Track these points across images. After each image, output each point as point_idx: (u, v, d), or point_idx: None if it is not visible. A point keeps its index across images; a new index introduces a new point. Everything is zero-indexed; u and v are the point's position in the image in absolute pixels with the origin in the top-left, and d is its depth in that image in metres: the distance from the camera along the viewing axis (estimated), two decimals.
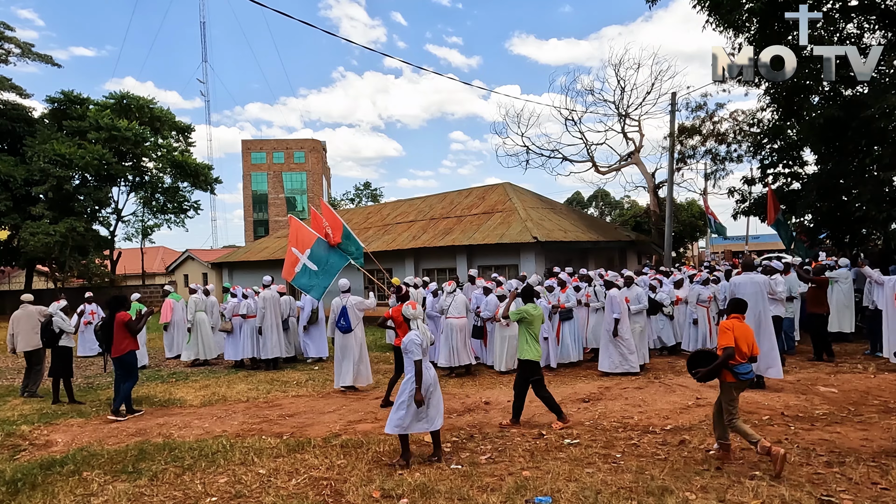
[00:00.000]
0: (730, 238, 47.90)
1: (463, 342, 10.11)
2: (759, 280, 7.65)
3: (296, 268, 8.80)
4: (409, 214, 23.18)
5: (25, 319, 9.10)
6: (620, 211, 46.10)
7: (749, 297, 7.28)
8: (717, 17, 14.08)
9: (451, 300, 10.23)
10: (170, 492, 4.84)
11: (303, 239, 8.92)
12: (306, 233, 9.02)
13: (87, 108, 29.97)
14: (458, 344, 10.06)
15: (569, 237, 17.77)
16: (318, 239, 8.81)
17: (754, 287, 7.54)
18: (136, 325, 7.82)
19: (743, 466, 4.87)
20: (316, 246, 8.75)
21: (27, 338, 9.08)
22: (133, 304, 11.03)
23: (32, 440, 6.74)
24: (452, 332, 10.09)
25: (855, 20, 13.62)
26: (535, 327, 6.44)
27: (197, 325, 12.21)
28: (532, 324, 6.42)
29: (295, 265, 8.81)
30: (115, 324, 7.73)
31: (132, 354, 7.86)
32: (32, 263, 30.55)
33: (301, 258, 8.76)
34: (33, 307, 9.24)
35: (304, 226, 9.31)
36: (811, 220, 16.64)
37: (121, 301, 8.09)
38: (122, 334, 7.73)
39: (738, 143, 22.56)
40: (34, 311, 9.16)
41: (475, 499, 4.41)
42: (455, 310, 10.17)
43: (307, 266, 8.70)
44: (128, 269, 38.11)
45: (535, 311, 6.51)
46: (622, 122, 24.72)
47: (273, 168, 59.43)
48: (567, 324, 10.35)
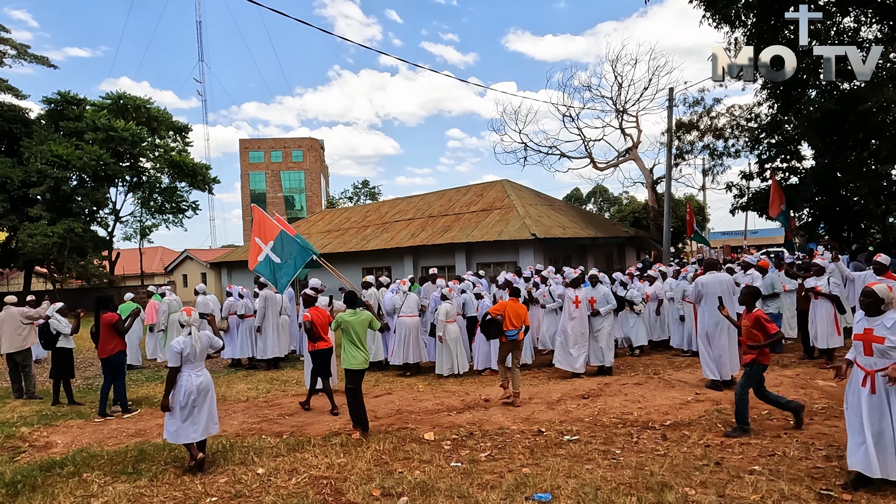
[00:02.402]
0: (728, 233, 47.99)
1: (415, 340, 10.23)
2: (723, 279, 7.72)
3: (259, 257, 8.80)
4: (408, 212, 23.17)
5: (9, 321, 9.05)
6: (619, 207, 46.11)
7: (713, 295, 7.39)
8: (714, 12, 14.08)
9: (404, 299, 10.31)
10: (170, 492, 4.84)
11: (266, 230, 8.88)
12: (270, 224, 8.96)
13: (84, 108, 29.91)
14: (411, 342, 10.19)
15: (567, 233, 17.77)
16: (281, 231, 8.76)
17: (720, 287, 7.57)
18: (123, 326, 7.75)
19: (742, 461, 4.88)
20: (279, 238, 8.72)
21: (11, 339, 9.04)
22: (127, 304, 10.98)
23: (32, 442, 6.73)
24: (404, 331, 10.20)
25: (852, 14, 13.62)
26: (352, 334, 6.33)
27: (170, 328, 12.25)
28: (348, 331, 6.34)
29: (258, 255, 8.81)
30: (101, 325, 7.62)
31: (120, 355, 7.79)
32: (31, 265, 30.51)
33: (264, 249, 8.74)
34: (16, 308, 9.16)
35: (267, 216, 9.22)
36: (809, 213, 16.67)
37: (105, 301, 7.90)
38: (109, 335, 7.63)
39: (735, 139, 22.58)
40: (16, 312, 9.10)
41: (475, 496, 4.41)
42: (408, 308, 10.26)
43: (270, 258, 8.68)
44: (126, 269, 38.08)
45: (353, 317, 6.39)
46: (620, 118, 24.74)
47: (271, 167, 59.39)
48: None
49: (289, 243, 8.67)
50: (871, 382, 4.14)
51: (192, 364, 5.31)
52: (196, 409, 5.26)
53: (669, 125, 20.35)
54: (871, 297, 4.23)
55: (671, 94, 20.21)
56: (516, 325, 7.52)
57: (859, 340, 4.29)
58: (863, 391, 4.20)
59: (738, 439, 5.40)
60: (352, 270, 19.84)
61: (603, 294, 9.29)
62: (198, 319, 5.56)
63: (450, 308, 9.87)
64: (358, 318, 6.39)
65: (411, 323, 10.26)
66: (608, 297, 9.31)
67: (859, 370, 4.28)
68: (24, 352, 9.19)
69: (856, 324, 4.39)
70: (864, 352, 4.24)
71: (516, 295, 7.92)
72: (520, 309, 7.66)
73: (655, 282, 11.39)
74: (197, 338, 5.32)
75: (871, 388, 4.15)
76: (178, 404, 5.23)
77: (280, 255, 8.58)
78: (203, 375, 5.39)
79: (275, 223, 8.93)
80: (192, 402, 5.23)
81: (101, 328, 7.64)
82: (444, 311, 9.79)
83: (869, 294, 4.25)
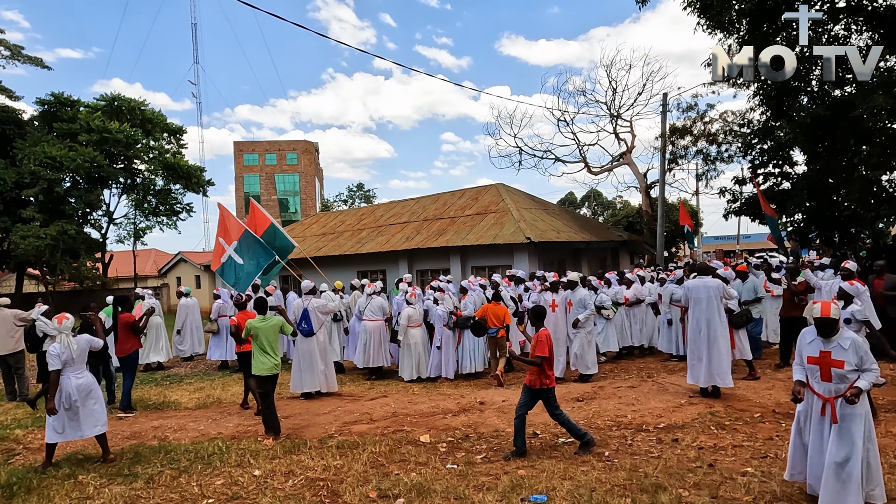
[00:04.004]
0: (721, 237, 48.26)
1: (378, 344, 10.26)
2: (710, 284, 7.34)
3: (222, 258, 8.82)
4: (403, 216, 23.19)
5: (1, 323, 9.00)
6: (613, 211, 46.25)
7: (702, 301, 7.23)
8: (708, 19, 14.21)
9: (368, 303, 10.32)
10: (166, 494, 4.85)
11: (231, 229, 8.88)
12: (235, 223, 8.95)
13: (78, 110, 29.74)
14: (374, 346, 10.23)
15: (562, 237, 17.85)
16: (245, 231, 8.78)
17: (707, 292, 7.29)
18: (138, 326, 8.32)
19: (735, 463, 4.94)
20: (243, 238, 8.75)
21: (3, 342, 8.98)
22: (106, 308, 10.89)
23: (27, 444, 6.71)
24: (367, 335, 10.25)
25: (842, 22, 13.79)
26: (261, 340, 6.50)
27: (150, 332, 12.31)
28: (258, 337, 6.51)
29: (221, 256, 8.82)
30: (119, 324, 8.20)
31: (136, 353, 8.40)
32: (23, 267, 30.25)
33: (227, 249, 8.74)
34: (9, 311, 9.10)
35: (232, 216, 9.22)
36: (801, 219, 16.81)
37: (123, 302, 8.60)
38: (126, 334, 8.21)
39: (728, 144, 22.78)
40: (10, 314, 9.05)
41: (471, 498, 4.44)
42: (371, 312, 10.27)
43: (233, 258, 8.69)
44: (120, 271, 37.86)
45: (262, 323, 6.57)
46: (614, 123, 24.89)
47: (265, 170, 59.23)
48: (467, 332, 9.99)
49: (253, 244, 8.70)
50: (832, 411, 3.84)
51: (73, 367, 5.64)
52: (79, 410, 5.58)
53: (663, 130, 20.49)
54: (831, 327, 3.94)
55: (665, 99, 20.37)
56: (496, 324, 9.22)
57: (815, 364, 3.97)
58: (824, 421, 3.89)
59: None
60: (346, 273, 19.82)
61: (579, 298, 9.01)
62: (69, 327, 5.80)
63: (412, 312, 9.88)
64: (267, 324, 6.59)
65: (373, 327, 10.24)
66: (585, 301, 8.99)
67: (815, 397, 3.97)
68: (16, 354, 9.15)
69: (807, 344, 4.07)
70: (821, 377, 3.94)
71: (497, 299, 9.46)
72: (499, 310, 9.32)
73: (633, 285, 11.29)
74: (68, 343, 5.63)
75: (831, 417, 3.83)
76: (61, 406, 5.55)
77: (242, 256, 8.62)
78: (83, 377, 5.70)
79: (239, 223, 8.97)
80: (73, 403, 5.55)
81: (118, 327, 8.21)
82: (406, 316, 9.84)
83: (828, 324, 3.94)
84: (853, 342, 3.88)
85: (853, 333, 3.97)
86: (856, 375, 3.83)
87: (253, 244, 8.72)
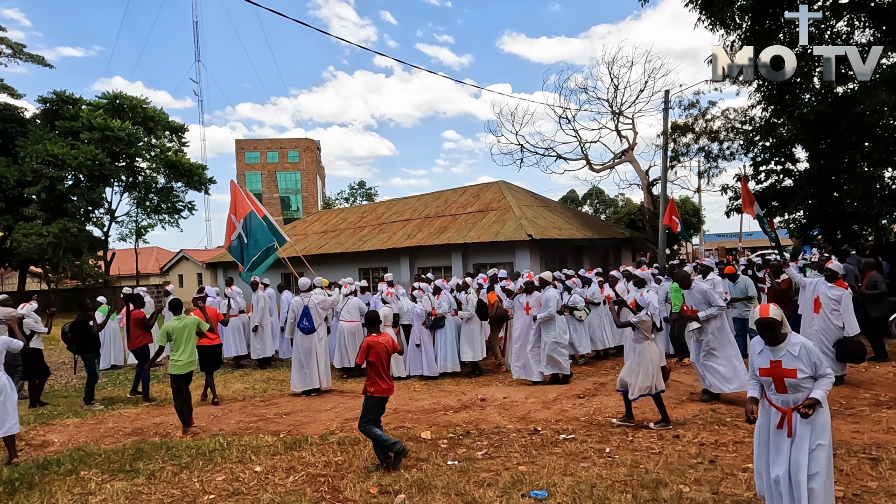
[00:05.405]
0: (724, 235, 48.19)
1: (354, 345, 10.07)
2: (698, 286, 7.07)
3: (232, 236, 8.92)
4: (404, 213, 23.19)
5: None
6: (615, 209, 46.23)
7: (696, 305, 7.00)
8: (709, 15, 14.17)
9: (345, 303, 10.20)
10: (168, 490, 4.86)
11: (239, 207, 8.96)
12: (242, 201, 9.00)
13: (80, 108, 29.79)
14: (349, 346, 10.12)
15: (563, 235, 17.83)
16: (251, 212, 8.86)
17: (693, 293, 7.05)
18: (148, 322, 9.02)
19: (736, 459, 4.94)
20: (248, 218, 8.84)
21: None
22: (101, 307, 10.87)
23: (29, 440, 6.73)
24: (343, 335, 10.17)
25: (845, 18, 13.74)
26: (178, 341, 6.77)
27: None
28: (174, 337, 6.78)
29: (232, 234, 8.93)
30: (130, 320, 8.97)
31: (146, 347, 9.00)
32: (25, 265, 30.35)
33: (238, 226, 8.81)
34: (1, 308, 9.14)
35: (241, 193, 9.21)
36: (803, 216, 16.77)
37: (134, 299, 9.37)
38: (137, 330, 8.90)
39: (730, 141, 22.74)
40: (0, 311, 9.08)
41: (472, 494, 4.44)
42: (347, 313, 10.16)
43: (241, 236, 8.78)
44: (122, 269, 37.94)
45: (177, 323, 6.84)
46: (616, 120, 24.86)
47: (267, 168, 59.30)
48: (440, 332, 10.01)
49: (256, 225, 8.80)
50: (789, 424, 3.53)
51: None
52: None
53: (665, 127, 20.44)
54: (772, 328, 3.60)
55: (667, 96, 20.31)
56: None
57: (768, 376, 3.64)
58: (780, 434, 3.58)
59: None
60: (348, 271, 19.83)
61: (545, 299, 8.50)
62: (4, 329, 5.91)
63: (388, 312, 9.73)
64: (182, 323, 6.86)
65: (349, 327, 10.11)
66: (548, 301, 8.47)
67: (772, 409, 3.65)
68: None
69: (757, 355, 3.73)
70: (776, 389, 3.61)
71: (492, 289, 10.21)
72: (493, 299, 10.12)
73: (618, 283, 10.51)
74: None
75: (787, 430, 3.53)
76: None
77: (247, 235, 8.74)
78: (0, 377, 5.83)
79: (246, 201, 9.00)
80: None
81: (130, 323, 9.00)
82: (382, 315, 9.77)
83: (768, 326, 3.60)
84: (803, 348, 3.56)
85: (802, 338, 3.66)
86: (811, 383, 3.53)
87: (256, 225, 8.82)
